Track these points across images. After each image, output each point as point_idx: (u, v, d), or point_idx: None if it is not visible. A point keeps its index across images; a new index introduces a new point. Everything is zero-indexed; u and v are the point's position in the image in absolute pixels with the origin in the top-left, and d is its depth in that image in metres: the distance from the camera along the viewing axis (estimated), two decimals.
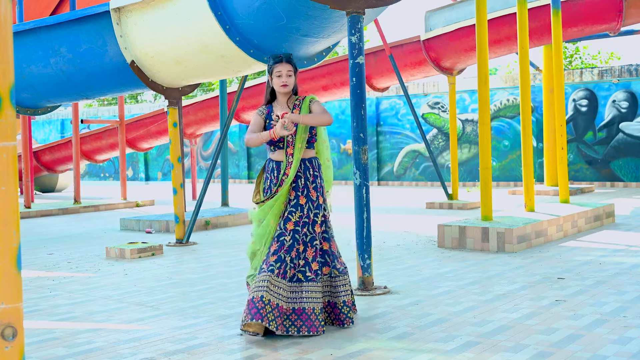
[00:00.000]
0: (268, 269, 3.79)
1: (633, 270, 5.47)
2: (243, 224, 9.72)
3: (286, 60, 4.02)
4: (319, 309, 3.82)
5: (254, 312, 3.69)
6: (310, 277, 3.85)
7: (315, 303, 3.82)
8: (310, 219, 3.93)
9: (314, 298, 3.82)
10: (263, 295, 3.71)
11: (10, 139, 1.50)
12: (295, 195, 3.95)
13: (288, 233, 3.87)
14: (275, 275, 3.77)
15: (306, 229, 3.92)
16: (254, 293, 3.75)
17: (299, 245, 3.88)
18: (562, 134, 9.05)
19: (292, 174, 3.92)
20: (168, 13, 6.90)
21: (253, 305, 3.71)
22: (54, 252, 7.59)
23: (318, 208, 3.97)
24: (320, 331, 3.79)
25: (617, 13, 10.48)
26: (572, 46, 22.88)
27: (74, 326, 4.22)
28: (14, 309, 1.50)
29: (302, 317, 3.79)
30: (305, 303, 3.81)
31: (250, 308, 3.71)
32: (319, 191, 4.01)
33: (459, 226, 6.90)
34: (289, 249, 3.84)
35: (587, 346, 3.45)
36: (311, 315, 3.79)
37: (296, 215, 3.91)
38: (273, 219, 3.93)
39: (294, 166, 3.93)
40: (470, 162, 17.15)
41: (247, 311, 3.72)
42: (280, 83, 4.00)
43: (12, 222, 1.49)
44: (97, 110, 25.22)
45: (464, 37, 11.29)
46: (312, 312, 3.79)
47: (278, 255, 3.83)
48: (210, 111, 13.57)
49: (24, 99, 8.94)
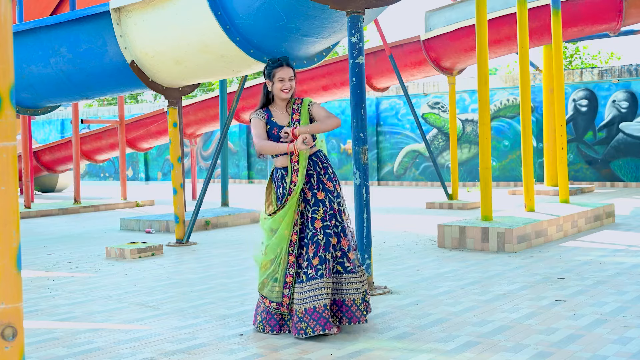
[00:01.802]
0: (318, 274, 3.74)
1: (633, 270, 5.47)
2: (243, 224, 9.72)
3: (287, 64, 3.98)
4: (359, 299, 3.84)
5: (323, 322, 3.67)
6: (349, 268, 3.87)
7: (356, 294, 3.84)
8: (335, 209, 3.90)
9: (354, 289, 3.84)
10: (326, 304, 3.70)
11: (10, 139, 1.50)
12: (312, 193, 3.89)
13: (319, 231, 3.82)
14: (325, 277, 3.75)
15: (334, 220, 3.88)
16: (314, 302, 3.69)
17: (332, 238, 3.85)
18: (562, 134, 9.05)
19: (300, 182, 3.86)
20: (168, 13, 6.90)
21: (319, 316, 3.67)
22: (54, 252, 7.59)
23: (338, 197, 3.94)
24: (362, 321, 3.83)
25: (617, 13, 10.48)
26: (572, 46, 22.88)
27: (74, 326, 4.22)
28: (14, 309, 1.50)
29: (343, 309, 3.83)
30: (345, 295, 3.84)
31: (317, 319, 3.67)
32: (334, 180, 3.96)
33: (459, 226, 6.90)
34: (325, 246, 3.81)
35: (587, 346, 3.45)
36: (352, 306, 3.82)
37: (320, 212, 3.86)
38: (287, 228, 3.86)
39: (300, 173, 3.87)
40: (470, 162, 17.14)
41: (313, 322, 3.67)
42: (282, 88, 3.95)
43: (12, 222, 1.49)
44: (97, 110, 25.22)
45: (464, 37, 11.29)
46: (352, 303, 3.83)
47: (319, 256, 3.78)
48: (210, 111, 13.57)
49: (24, 99, 8.94)
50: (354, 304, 3.82)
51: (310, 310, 3.69)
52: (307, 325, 3.68)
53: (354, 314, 3.82)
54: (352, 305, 3.82)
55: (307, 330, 3.68)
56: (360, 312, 3.84)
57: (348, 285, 3.84)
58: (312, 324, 3.68)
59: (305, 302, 3.71)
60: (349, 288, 3.84)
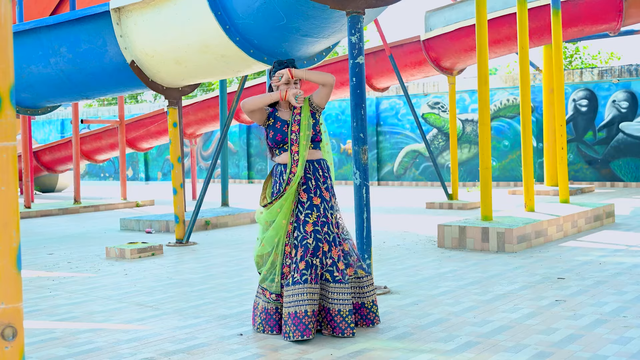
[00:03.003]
0: (302, 279, 3.71)
1: (633, 270, 5.47)
2: (243, 224, 9.72)
3: (292, 67, 4.03)
4: (346, 310, 3.74)
5: (302, 328, 3.63)
6: (337, 278, 3.79)
7: (342, 305, 3.75)
8: (329, 219, 3.88)
9: (341, 300, 3.76)
10: (307, 310, 3.66)
11: (10, 139, 1.49)
12: (308, 197, 3.89)
13: (309, 235, 3.80)
14: (309, 283, 3.71)
15: (327, 228, 3.86)
16: (296, 307, 3.67)
17: (322, 244, 3.82)
18: (562, 134, 9.05)
19: (299, 172, 3.86)
20: (168, 13, 6.90)
21: (299, 322, 3.64)
22: (54, 252, 7.59)
23: (332, 209, 3.93)
24: (347, 333, 3.72)
25: (617, 13, 10.48)
26: (572, 46, 22.87)
27: (74, 326, 4.22)
28: (14, 309, 1.50)
29: (327, 318, 3.77)
30: (331, 304, 3.76)
31: (297, 324, 3.64)
32: (331, 192, 3.97)
33: (459, 226, 6.90)
34: (314, 251, 3.78)
35: (587, 346, 3.45)
36: (336, 317, 3.74)
37: (313, 216, 3.84)
38: (284, 219, 3.86)
39: (300, 163, 3.88)
40: (470, 162, 17.14)
41: (294, 327, 3.64)
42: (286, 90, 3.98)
43: (12, 223, 1.49)
44: (97, 110, 25.22)
45: (464, 37, 11.29)
46: (337, 313, 3.74)
47: (306, 260, 3.75)
48: (210, 111, 13.58)
49: (24, 99, 8.95)
50: (338, 315, 3.73)
51: (292, 315, 3.68)
52: (289, 329, 3.67)
53: (338, 325, 3.73)
54: (336, 316, 3.74)
55: (289, 335, 3.67)
56: (346, 324, 3.73)
57: (334, 295, 3.76)
58: (292, 329, 3.66)
59: (289, 306, 3.70)
60: (334, 298, 3.76)
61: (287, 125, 3.98)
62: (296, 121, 3.95)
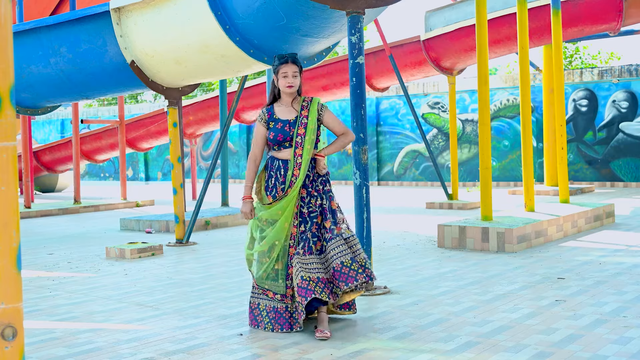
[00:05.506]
0: (294, 252, 3.90)
1: (633, 270, 5.47)
2: (243, 224, 9.72)
3: (292, 61, 4.04)
4: (348, 259, 3.88)
5: (303, 292, 3.76)
6: (328, 237, 3.92)
7: (342, 256, 3.88)
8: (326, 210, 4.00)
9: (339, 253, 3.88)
10: (302, 275, 3.80)
11: (10, 139, 1.49)
12: (307, 192, 4.00)
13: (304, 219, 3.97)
14: (302, 255, 3.86)
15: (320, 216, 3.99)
16: (297, 277, 3.82)
17: (317, 219, 3.96)
18: (562, 134, 9.05)
19: (302, 176, 3.93)
20: (168, 13, 6.90)
21: (301, 288, 3.78)
22: (54, 252, 7.59)
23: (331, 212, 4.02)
24: (360, 278, 3.85)
25: (617, 13, 10.48)
26: (572, 46, 22.88)
27: (74, 326, 4.22)
28: (14, 309, 1.50)
29: (336, 275, 3.87)
30: (334, 261, 3.87)
31: (299, 291, 3.78)
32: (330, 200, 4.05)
33: (459, 226, 6.90)
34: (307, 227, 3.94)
35: (587, 346, 3.45)
36: (342, 269, 3.85)
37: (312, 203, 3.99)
38: (287, 221, 3.93)
39: (303, 167, 3.93)
40: (470, 162, 17.15)
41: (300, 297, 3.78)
42: (286, 84, 4.02)
43: (12, 223, 1.49)
44: (97, 110, 25.22)
45: (464, 37, 11.29)
46: (341, 265, 3.85)
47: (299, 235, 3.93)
48: (210, 111, 13.57)
49: (24, 99, 8.94)
50: (344, 266, 3.85)
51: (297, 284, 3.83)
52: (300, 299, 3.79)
53: (348, 275, 3.84)
54: (342, 268, 3.85)
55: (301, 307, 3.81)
56: (354, 271, 3.85)
57: (332, 251, 3.88)
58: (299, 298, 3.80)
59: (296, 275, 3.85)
60: (333, 254, 3.87)
61: (288, 125, 4.00)
62: (303, 124, 4.00)
